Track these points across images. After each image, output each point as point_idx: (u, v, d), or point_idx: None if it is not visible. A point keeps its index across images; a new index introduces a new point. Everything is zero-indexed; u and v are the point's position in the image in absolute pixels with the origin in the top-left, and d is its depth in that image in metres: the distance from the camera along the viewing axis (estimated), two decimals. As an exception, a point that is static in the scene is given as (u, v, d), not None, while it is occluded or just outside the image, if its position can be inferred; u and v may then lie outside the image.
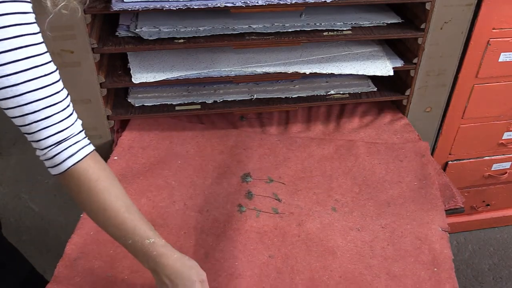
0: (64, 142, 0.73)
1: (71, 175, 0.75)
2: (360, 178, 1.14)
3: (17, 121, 0.70)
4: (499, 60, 1.31)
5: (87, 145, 0.77)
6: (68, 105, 0.73)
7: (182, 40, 1.12)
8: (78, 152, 0.75)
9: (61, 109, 0.72)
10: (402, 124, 1.33)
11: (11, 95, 0.66)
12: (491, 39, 1.26)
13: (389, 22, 1.22)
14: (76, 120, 0.75)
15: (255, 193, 1.08)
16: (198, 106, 1.25)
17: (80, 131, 0.76)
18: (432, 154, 1.50)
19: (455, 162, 1.56)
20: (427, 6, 1.16)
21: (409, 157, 1.20)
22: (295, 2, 1.08)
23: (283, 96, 1.29)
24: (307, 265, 0.93)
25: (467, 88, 1.37)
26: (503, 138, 1.53)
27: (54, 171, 0.76)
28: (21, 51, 0.64)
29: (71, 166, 0.74)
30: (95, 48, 1.08)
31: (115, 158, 1.17)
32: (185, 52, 1.24)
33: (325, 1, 1.08)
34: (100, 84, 1.14)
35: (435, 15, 1.17)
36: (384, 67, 1.24)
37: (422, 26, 1.19)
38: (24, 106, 0.67)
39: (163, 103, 1.25)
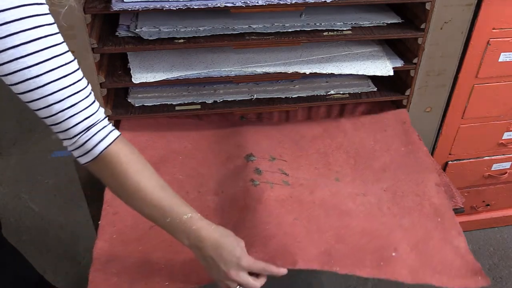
0: (93, 128, 0.74)
1: (103, 159, 0.75)
2: (352, 151, 1.23)
3: (42, 113, 0.70)
4: (499, 60, 1.32)
5: (114, 129, 0.78)
6: (90, 92, 0.74)
7: (182, 40, 1.12)
8: (108, 136, 0.76)
9: (85, 96, 0.72)
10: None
11: (35, 87, 0.66)
12: (491, 39, 1.26)
13: (389, 22, 1.22)
14: (99, 106, 0.76)
15: (263, 169, 1.12)
16: (198, 106, 1.25)
17: (105, 117, 0.77)
18: (432, 154, 1.50)
19: (455, 162, 1.56)
20: (427, 6, 1.16)
21: (391, 125, 1.29)
22: (295, 2, 1.08)
23: (283, 96, 1.29)
24: (329, 225, 1.00)
25: (467, 88, 1.37)
26: (503, 138, 1.53)
27: (84, 159, 0.76)
28: (41, 41, 0.64)
29: (103, 151, 0.75)
30: (95, 48, 1.08)
31: None
32: (185, 52, 1.24)
33: (325, 1, 1.08)
34: (100, 84, 1.14)
35: (435, 15, 1.17)
36: (384, 67, 1.24)
37: (422, 26, 1.19)
38: (49, 96, 0.68)
39: (163, 103, 1.25)
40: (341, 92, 1.31)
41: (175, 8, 1.03)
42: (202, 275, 0.89)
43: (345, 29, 1.19)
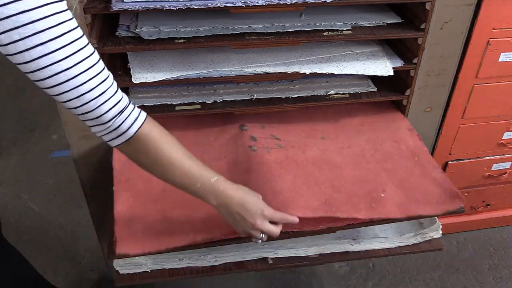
0: (125, 111, 0.79)
1: (138, 139, 0.81)
2: (333, 119, 1.36)
3: (72, 103, 0.73)
4: (499, 60, 1.32)
5: (141, 110, 0.82)
6: (113, 80, 0.78)
7: (182, 40, 1.12)
8: (139, 117, 0.81)
9: (111, 83, 0.77)
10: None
11: (65, 79, 0.70)
12: (491, 39, 1.26)
13: (389, 22, 1.22)
14: (123, 92, 0.80)
15: (257, 136, 1.25)
16: (198, 106, 1.25)
17: (130, 101, 0.81)
18: (432, 154, 1.50)
19: (455, 162, 1.56)
20: (427, 6, 1.16)
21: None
22: (295, 2, 1.08)
23: (283, 96, 1.29)
24: (324, 178, 1.14)
25: (467, 88, 1.37)
26: (503, 138, 1.53)
27: (117, 141, 0.81)
28: (66, 36, 0.68)
29: (137, 131, 0.80)
30: (95, 48, 1.08)
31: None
32: (185, 52, 1.24)
33: (325, 1, 1.08)
34: (100, 84, 1.14)
35: (435, 15, 1.17)
36: (384, 67, 1.24)
37: (422, 26, 1.19)
38: (80, 87, 0.71)
39: (163, 103, 1.25)
40: (341, 92, 1.31)
41: (175, 8, 1.03)
42: (225, 229, 0.97)
43: (345, 29, 1.19)
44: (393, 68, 1.24)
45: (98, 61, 0.74)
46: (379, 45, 1.33)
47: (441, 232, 1.16)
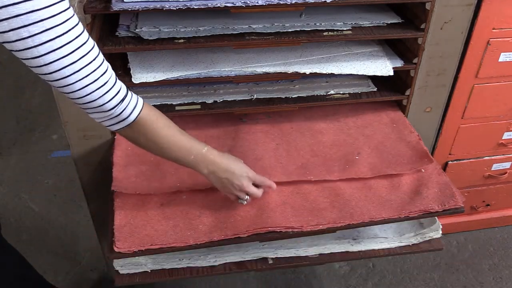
0: (126, 98, 0.85)
1: (138, 123, 0.88)
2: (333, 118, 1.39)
3: (76, 94, 0.78)
4: (499, 60, 1.32)
5: (138, 97, 0.89)
6: (112, 71, 0.83)
7: (182, 40, 1.12)
8: (138, 104, 0.88)
9: (111, 74, 0.82)
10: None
11: (71, 72, 0.74)
12: (491, 39, 1.26)
13: (389, 22, 1.22)
14: (121, 82, 0.86)
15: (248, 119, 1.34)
16: (198, 106, 1.25)
17: (128, 89, 0.87)
18: (432, 154, 1.50)
19: (455, 162, 1.56)
20: (427, 6, 1.16)
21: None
22: (295, 2, 1.08)
23: (283, 96, 1.29)
24: (305, 143, 1.25)
25: (467, 88, 1.37)
26: (503, 138, 1.53)
27: (119, 126, 0.87)
28: (71, 33, 0.72)
29: (137, 116, 0.87)
30: (95, 48, 1.08)
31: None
32: (185, 52, 1.24)
33: (325, 1, 1.08)
34: (100, 84, 1.14)
35: (435, 15, 1.17)
36: (384, 67, 1.24)
37: (422, 26, 1.19)
38: (84, 79, 0.76)
39: (163, 103, 1.25)
40: (341, 92, 1.31)
41: (175, 8, 1.03)
42: (208, 182, 1.02)
43: (345, 29, 1.19)
44: (393, 68, 1.24)
45: (98, 53, 0.79)
46: (379, 45, 1.33)
47: (441, 232, 1.16)
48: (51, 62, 0.72)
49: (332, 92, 1.31)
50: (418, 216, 1.06)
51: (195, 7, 1.04)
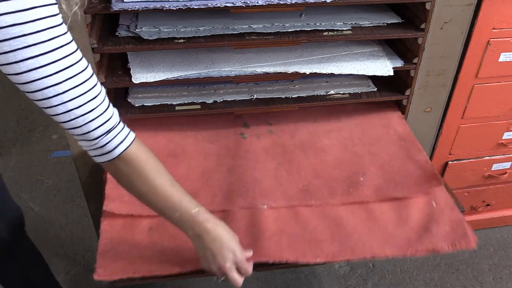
0: (113, 130, 0.77)
1: (123, 159, 0.80)
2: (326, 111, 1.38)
3: (61, 118, 0.72)
4: (499, 60, 1.32)
5: (130, 131, 0.82)
6: (105, 96, 0.76)
7: (182, 40, 1.12)
8: (127, 138, 0.80)
9: (102, 100, 0.75)
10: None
11: (54, 94, 0.69)
12: (491, 39, 1.26)
13: (389, 22, 1.22)
14: (114, 109, 0.79)
15: (250, 123, 1.32)
16: (198, 106, 1.25)
17: (120, 119, 0.80)
18: (432, 154, 1.50)
19: (455, 162, 1.56)
20: (427, 6, 1.16)
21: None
22: (295, 2, 1.08)
23: (283, 96, 1.29)
24: (307, 162, 1.19)
25: (467, 88, 1.37)
26: (503, 138, 1.53)
27: (102, 159, 0.80)
28: (59, 51, 0.67)
29: (122, 152, 0.79)
30: (95, 48, 1.08)
31: None
32: (185, 52, 1.24)
33: (325, 1, 1.08)
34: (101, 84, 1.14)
35: (435, 15, 1.17)
36: (384, 67, 1.24)
37: (422, 26, 1.19)
38: (69, 103, 0.70)
39: (163, 103, 1.25)
40: (341, 92, 1.31)
41: (175, 8, 1.03)
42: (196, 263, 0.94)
43: (345, 29, 1.19)
44: (393, 68, 1.24)
45: (91, 76, 0.73)
46: (379, 45, 1.33)
47: (441, 232, 1.14)
48: (33, 81, 0.67)
49: (332, 92, 1.31)
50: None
51: (195, 7, 1.04)
